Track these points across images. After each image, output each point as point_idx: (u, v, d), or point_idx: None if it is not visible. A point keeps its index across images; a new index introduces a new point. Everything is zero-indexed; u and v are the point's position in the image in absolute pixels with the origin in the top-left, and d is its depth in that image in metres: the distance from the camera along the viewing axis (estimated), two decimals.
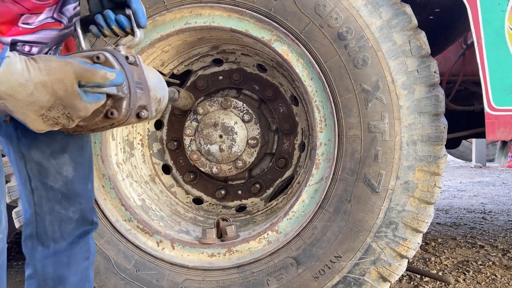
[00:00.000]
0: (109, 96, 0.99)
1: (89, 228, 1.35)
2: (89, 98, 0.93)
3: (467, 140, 8.65)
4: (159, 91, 1.17)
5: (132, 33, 1.16)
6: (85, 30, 1.19)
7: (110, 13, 1.14)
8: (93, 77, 0.92)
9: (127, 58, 1.08)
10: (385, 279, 1.61)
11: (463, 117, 2.95)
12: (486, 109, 1.58)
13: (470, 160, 10.06)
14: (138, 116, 1.08)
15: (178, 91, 1.46)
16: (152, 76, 1.15)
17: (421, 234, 1.60)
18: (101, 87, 0.94)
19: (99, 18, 1.15)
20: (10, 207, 1.90)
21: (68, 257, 1.30)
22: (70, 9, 1.17)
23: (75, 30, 1.18)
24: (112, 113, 1.01)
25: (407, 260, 1.62)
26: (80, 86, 0.92)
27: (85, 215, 1.33)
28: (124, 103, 1.02)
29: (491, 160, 9.83)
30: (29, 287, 1.32)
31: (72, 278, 1.31)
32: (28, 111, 0.88)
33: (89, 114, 0.96)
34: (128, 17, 1.15)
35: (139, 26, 1.15)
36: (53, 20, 1.13)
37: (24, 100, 0.87)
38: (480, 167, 9.57)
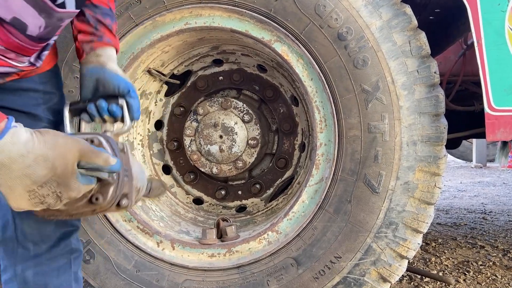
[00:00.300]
0: (97, 180, 0.96)
1: (70, 230, 1.32)
2: (83, 180, 0.91)
3: (468, 140, 8.64)
4: (140, 181, 1.13)
5: (122, 121, 1.16)
6: (73, 115, 1.19)
7: (103, 104, 1.14)
8: (96, 159, 0.91)
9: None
10: (385, 280, 1.61)
11: (464, 117, 2.95)
12: (486, 109, 1.58)
13: (471, 160, 10.06)
14: (118, 205, 1.03)
15: (151, 182, 1.32)
16: (135, 165, 1.12)
17: (421, 234, 1.60)
18: (99, 170, 0.93)
19: (92, 109, 1.15)
20: None
21: (49, 259, 1.27)
22: (47, 53, 1.18)
23: (63, 114, 1.18)
24: (97, 198, 0.98)
25: (407, 260, 1.62)
26: (78, 166, 0.90)
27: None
28: (111, 190, 0.99)
29: (492, 160, 9.83)
30: None
31: (54, 280, 1.28)
32: (18, 184, 0.84)
33: (79, 196, 0.93)
34: (120, 106, 1.15)
35: (132, 119, 1.16)
36: (29, 64, 1.13)
37: (18, 172, 0.83)
38: (481, 167, 9.56)
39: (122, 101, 1.16)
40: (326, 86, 1.58)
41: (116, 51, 1.27)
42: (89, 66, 1.21)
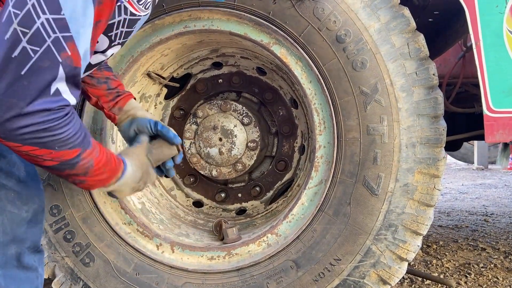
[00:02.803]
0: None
1: (40, 233, 1.31)
2: (157, 172, 1.46)
3: (469, 142, 8.63)
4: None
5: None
6: None
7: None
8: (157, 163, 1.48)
9: None
10: (385, 282, 1.61)
11: (464, 119, 2.95)
12: (485, 111, 1.57)
13: (472, 162, 10.04)
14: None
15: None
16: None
17: (421, 236, 1.60)
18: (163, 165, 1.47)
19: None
20: None
21: (17, 266, 1.26)
22: None
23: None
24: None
25: (407, 262, 1.62)
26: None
27: (36, 216, 1.29)
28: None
29: (493, 162, 9.81)
30: None
31: (24, 286, 1.28)
32: (128, 190, 1.32)
33: (153, 180, 1.49)
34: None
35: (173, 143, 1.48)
36: None
37: (131, 185, 1.31)
38: (482, 169, 9.54)
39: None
40: (325, 88, 1.58)
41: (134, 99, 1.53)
42: (125, 122, 1.48)
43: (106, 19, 1.03)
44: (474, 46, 1.57)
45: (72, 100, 1.01)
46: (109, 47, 1.18)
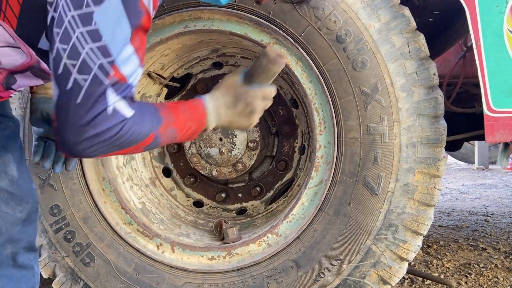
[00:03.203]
0: None
1: (34, 232, 1.32)
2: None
3: (469, 142, 8.62)
4: None
5: None
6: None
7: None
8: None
9: None
10: (385, 282, 1.61)
11: (464, 119, 2.95)
12: (485, 111, 1.57)
13: (473, 163, 10.03)
14: None
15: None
16: None
17: (421, 236, 1.60)
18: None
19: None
20: None
21: (13, 266, 1.27)
22: None
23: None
24: None
25: (407, 262, 1.62)
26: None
27: (31, 216, 1.29)
28: None
29: (494, 163, 9.80)
30: None
31: (21, 285, 1.29)
32: (233, 115, 1.24)
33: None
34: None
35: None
36: None
37: (224, 109, 1.22)
38: (483, 169, 9.54)
39: None
40: (325, 88, 1.58)
41: None
42: (38, 97, 1.38)
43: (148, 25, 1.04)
44: (474, 46, 1.57)
45: (129, 113, 1.02)
46: None
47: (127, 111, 1.02)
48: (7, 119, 1.28)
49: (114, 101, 1.00)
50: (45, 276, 1.79)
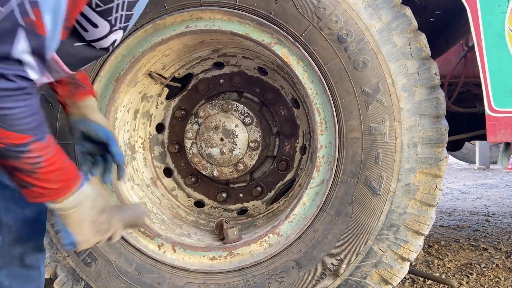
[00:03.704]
0: None
1: (43, 232, 1.33)
2: None
3: (471, 142, 8.62)
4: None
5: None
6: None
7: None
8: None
9: None
10: (387, 282, 1.60)
11: (466, 119, 2.94)
12: (487, 111, 1.57)
13: (474, 162, 10.03)
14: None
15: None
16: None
17: (423, 236, 1.59)
18: None
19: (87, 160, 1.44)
20: None
21: (21, 265, 1.29)
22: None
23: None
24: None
25: (409, 262, 1.62)
26: None
27: (40, 214, 1.31)
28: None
29: (495, 162, 9.79)
30: None
31: (27, 285, 1.31)
32: (87, 216, 1.10)
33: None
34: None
35: (116, 162, 1.41)
36: None
37: (89, 205, 1.11)
38: (484, 169, 9.53)
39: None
40: (327, 88, 1.58)
41: (95, 97, 1.44)
42: (75, 119, 1.38)
43: None
44: (475, 46, 1.56)
45: (33, 75, 0.94)
46: (110, 32, 1.14)
47: (32, 73, 0.93)
48: None
49: (23, 50, 0.90)
50: (46, 276, 1.79)
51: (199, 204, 2.10)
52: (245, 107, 1.89)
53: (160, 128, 2.08)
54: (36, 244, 1.31)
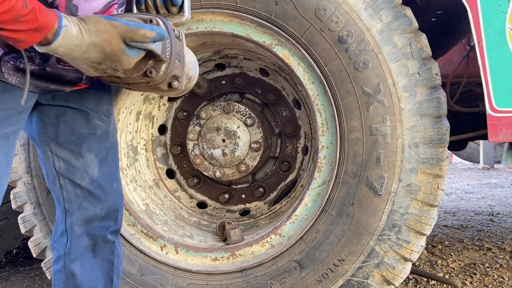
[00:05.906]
0: (152, 57, 1.10)
1: (114, 229, 1.39)
2: (132, 53, 1.06)
3: (475, 142, 8.58)
4: (192, 70, 1.26)
5: (178, 12, 1.30)
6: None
7: None
8: (134, 36, 1.05)
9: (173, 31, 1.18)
10: (389, 282, 1.60)
11: (468, 118, 2.94)
12: (488, 110, 1.57)
13: (478, 162, 9.98)
14: (169, 85, 1.16)
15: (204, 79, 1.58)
16: (189, 55, 1.26)
17: (425, 236, 1.59)
18: (143, 43, 1.06)
19: None
20: (16, 213, 1.92)
21: (93, 256, 1.35)
22: None
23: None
24: (150, 72, 1.12)
25: (411, 263, 1.62)
26: (126, 43, 1.05)
27: (111, 213, 1.36)
28: (163, 66, 1.12)
29: (499, 162, 9.74)
30: (57, 281, 1.36)
31: (97, 273, 1.36)
32: (82, 63, 1.05)
33: (132, 67, 1.08)
34: None
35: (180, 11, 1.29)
36: None
37: (79, 57, 1.02)
38: (488, 169, 9.49)
39: None
40: (327, 89, 1.58)
41: None
42: None
43: None
44: (476, 46, 1.56)
45: None
46: None
47: None
48: (98, 119, 1.34)
49: None
50: (49, 276, 1.80)
51: (201, 205, 2.11)
52: (247, 108, 1.90)
53: (162, 129, 2.09)
54: (103, 236, 1.37)
